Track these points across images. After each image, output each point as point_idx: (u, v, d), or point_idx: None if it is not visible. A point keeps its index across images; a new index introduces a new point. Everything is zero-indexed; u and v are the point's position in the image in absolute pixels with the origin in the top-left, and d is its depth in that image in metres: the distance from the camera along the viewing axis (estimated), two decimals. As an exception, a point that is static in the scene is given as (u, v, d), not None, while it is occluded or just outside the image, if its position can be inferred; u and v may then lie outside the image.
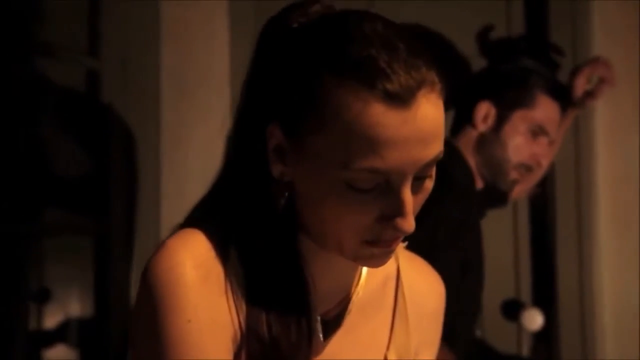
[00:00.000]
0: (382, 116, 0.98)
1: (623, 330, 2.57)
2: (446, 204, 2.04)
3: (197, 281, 1.04)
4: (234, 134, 1.11)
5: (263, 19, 1.10)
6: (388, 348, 1.18)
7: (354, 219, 1.02)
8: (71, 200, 2.21)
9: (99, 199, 2.20)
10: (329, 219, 1.04)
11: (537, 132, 2.17)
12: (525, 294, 2.59)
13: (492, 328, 2.52)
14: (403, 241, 1.10)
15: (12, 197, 2.08)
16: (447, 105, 2.41)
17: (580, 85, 2.32)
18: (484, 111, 2.18)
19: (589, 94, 2.33)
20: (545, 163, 2.22)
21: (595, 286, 2.57)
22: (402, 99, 0.98)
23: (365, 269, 1.17)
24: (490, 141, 2.18)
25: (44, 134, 2.18)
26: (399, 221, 1.02)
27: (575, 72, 2.33)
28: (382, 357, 1.17)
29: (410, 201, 1.02)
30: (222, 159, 1.13)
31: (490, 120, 2.18)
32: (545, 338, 2.58)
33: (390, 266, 1.18)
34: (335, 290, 1.15)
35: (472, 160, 2.19)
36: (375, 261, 1.08)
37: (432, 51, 1.05)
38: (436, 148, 1.02)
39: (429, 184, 1.05)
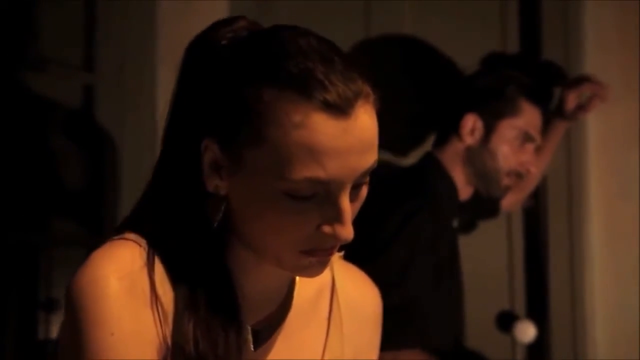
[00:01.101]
0: (322, 126, 1.00)
1: (615, 342, 2.58)
2: (425, 214, 2.07)
3: (121, 293, 1.04)
4: (164, 148, 1.12)
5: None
6: (322, 357, 1.19)
7: (293, 228, 1.04)
8: (76, 212, 2.21)
9: (97, 212, 2.21)
10: (267, 230, 1.05)
11: (524, 139, 2.20)
12: (520, 306, 2.59)
13: (486, 340, 2.53)
14: (339, 250, 1.12)
15: (19, 208, 2.08)
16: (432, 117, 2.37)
17: (572, 99, 2.34)
18: (471, 124, 2.20)
19: (580, 108, 2.36)
20: (534, 170, 2.25)
21: (587, 298, 2.58)
22: (341, 109, 1.00)
23: (298, 279, 1.18)
24: (479, 153, 2.20)
25: (46, 147, 2.18)
26: (339, 229, 1.04)
27: (568, 86, 2.36)
28: None
29: (349, 209, 1.04)
30: (152, 171, 1.13)
31: (478, 133, 2.20)
32: (540, 350, 2.59)
33: (324, 276, 1.19)
34: (268, 300, 1.16)
35: (459, 172, 2.21)
36: (313, 271, 1.09)
37: (365, 65, 1.08)
38: (373, 157, 1.06)
39: (364, 192, 1.08)
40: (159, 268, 1.08)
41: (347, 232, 1.04)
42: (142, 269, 1.06)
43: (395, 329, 1.99)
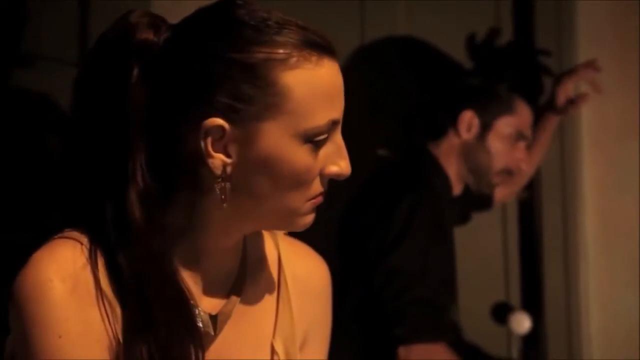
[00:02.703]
0: (328, 67, 1.07)
1: (609, 333, 2.60)
2: (426, 207, 2.08)
3: (66, 294, 1.04)
4: (104, 142, 1.09)
5: None
6: (274, 336, 1.20)
7: (308, 175, 1.08)
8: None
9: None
10: (286, 186, 1.08)
11: (518, 137, 2.23)
12: (515, 298, 2.61)
13: (481, 331, 2.53)
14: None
15: (12, 207, 2.08)
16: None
17: (562, 94, 2.36)
18: (468, 120, 2.21)
19: (572, 102, 2.37)
20: (525, 167, 2.28)
21: (582, 289, 2.59)
22: (332, 52, 1.08)
23: (249, 258, 1.20)
24: (475, 149, 2.22)
25: (40, 144, 2.18)
26: (343, 164, 1.10)
27: (558, 80, 2.37)
28: (269, 346, 1.19)
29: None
30: (86, 163, 1.10)
31: (474, 129, 2.21)
32: (535, 341, 2.60)
33: (271, 253, 1.22)
34: (224, 282, 1.17)
35: (453, 167, 2.23)
36: (311, 218, 1.13)
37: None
38: None
39: None
40: (102, 264, 1.08)
41: (348, 165, 1.10)
42: (84, 267, 1.06)
43: (423, 322, 2.01)
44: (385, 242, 2.06)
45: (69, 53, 2.25)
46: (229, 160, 1.07)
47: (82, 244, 1.08)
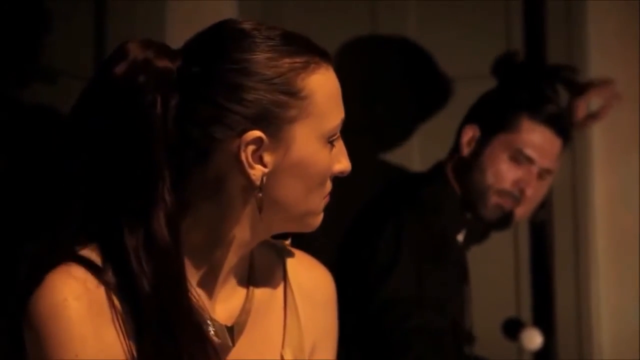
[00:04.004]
0: (332, 73, 1.15)
1: (621, 350, 2.59)
2: (416, 225, 2.06)
3: (81, 313, 1.06)
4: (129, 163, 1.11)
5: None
6: (283, 346, 1.22)
7: (326, 175, 1.15)
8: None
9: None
10: (312, 186, 1.14)
11: (519, 158, 2.12)
12: (526, 314, 2.60)
13: (492, 347, 2.53)
14: (285, 238, 1.23)
15: (29, 219, 2.09)
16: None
17: (582, 108, 2.28)
18: (470, 135, 2.15)
19: (591, 116, 2.31)
20: (530, 192, 2.14)
21: (593, 306, 2.59)
22: (330, 57, 1.16)
23: (256, 269, 1.22)
24: (470, 165, 2.15)
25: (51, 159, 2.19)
26: (346, 162, 1.17)
27: (576, 94, 2.28)
28: (278, 356, 1.21)
29: None
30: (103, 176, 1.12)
31: (474, 145, 2.15)
32: (546, 358, 2.60)
33: (276, 264, 1.25)
34: (237, 293, 1.20)
35: (457, 184, 2.17)
36: (322, 215, 1.18)
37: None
38: None
39: None
40: (115, 283, 1.09)
41: (349, 162, 1.18)
42: (97, 286, 1.09)
43: (426, 351, 1.94)
44: (378, 268, 2.01)
45: (85, 68, 2.27)
46: (266, 170, 1.11)
47: (94, 263, 1.10)
